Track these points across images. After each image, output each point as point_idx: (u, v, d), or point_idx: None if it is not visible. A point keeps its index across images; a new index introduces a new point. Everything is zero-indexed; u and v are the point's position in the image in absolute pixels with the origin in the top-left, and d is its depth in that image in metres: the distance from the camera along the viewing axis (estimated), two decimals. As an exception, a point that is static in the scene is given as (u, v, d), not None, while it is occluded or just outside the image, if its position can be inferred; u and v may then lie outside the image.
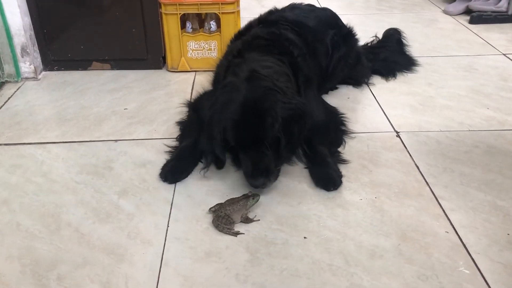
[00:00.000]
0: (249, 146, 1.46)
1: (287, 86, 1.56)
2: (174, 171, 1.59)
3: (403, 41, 2.49)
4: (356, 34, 2.20)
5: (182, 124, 1.84)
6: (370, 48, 2.41)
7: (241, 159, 1.51)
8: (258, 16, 2.08)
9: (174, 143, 1.76)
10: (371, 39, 2.49)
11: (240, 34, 1.94)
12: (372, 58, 2.30)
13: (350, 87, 2.20)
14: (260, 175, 1.44)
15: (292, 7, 2.13)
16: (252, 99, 1.45)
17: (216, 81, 1.83)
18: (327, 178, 1.53)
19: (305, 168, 1.62)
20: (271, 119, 1.42)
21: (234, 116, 1.44)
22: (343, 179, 1.54)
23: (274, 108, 1.44)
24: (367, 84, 2.22)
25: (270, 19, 1.98)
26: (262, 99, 1.46)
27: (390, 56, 2.37)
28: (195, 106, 1.85)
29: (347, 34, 2.14)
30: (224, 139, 1.48)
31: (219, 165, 1.59)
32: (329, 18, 2.15)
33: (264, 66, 1.59)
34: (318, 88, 1.92)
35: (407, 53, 2.48)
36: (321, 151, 1.62)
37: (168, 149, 1.72)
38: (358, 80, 2.22)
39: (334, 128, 1.81)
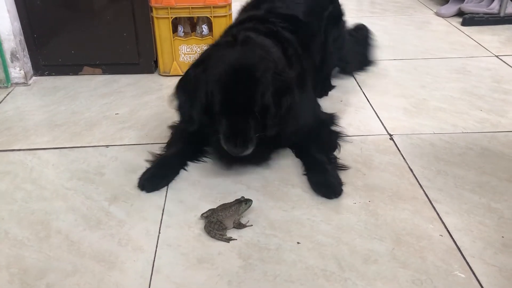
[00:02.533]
0: (235, 112, 1.42)
1: (280, 58, 1.53)
2: (152, 180, 1.54)
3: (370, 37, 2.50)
4: (344, 15, 2.17)
5: (173, 129, 1.79)
6: None
7: (221, 126, 1.45)
8: (245, 8, 2.00)
9: (157, 151, 1.71)
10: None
11: (232, 27, 1.85)
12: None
13: (342, 89, 2.19)
14: (239, 143, 1.40)
15: None
16: (245, 64, 1.42)
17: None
18: (328, 185, 1.50)
19: (304, 174, 1.59)
20: (262, 87, 1.39)
21: (224, 78, 1.39)
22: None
23: (267, 76, 1.41)
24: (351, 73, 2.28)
25: (259, 14, 1.87)
26: (255, 64, 1.42)
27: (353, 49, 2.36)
28: (182, 85, 1.75)
29: (338, 14, 2.11)
30: (208, 102, 1.43)
31: (191, 125, 1.52)
32: None
33: (261, 39, 1.56)
34: (313, 86, 1.89)
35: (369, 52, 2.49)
36: (319, 158, 1.60)
37: (150, 157, 1.67)
38: (347, 61, 2.22)
39: (328, 130, 1.79)
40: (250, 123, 1.42)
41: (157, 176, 1.56)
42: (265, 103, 1.41)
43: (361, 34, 2.48)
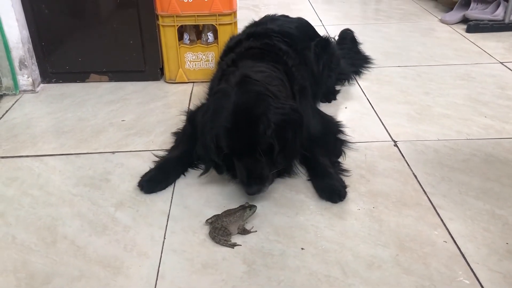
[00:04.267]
0: (243, 153, 1.45)
1: (280, 90, 1.54)
2: (151, 181, 1.59)
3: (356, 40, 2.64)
4: (332, 42, 2.24)
5: (177, 135, 1.84)
6: None
7: (236, 167, 1.49)
8: (243, 30, 2.09)
9: (163, 153, 1.75)
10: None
11: (230, 49, 1.90)
12: None
13: (346, 96, 2.21)
14: (254, 182, 1.43)
15: (271, 19, 2.13)
16: (243, 105, 1.43)
17: (210, 93, 1.82)
18: (332, 189, 1.52)
19: (308, 180, 1.60)
20: (263, 126, 1.40)
21: (225, 123, 1.42)
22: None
23: (266, 113, 1.42)
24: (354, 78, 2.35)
25: (258, 31, 1.96)
26: (253, 104, 1.44)
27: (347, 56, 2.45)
28: (191, 117, 1.84)
29: (325, 43, 2.14)
30: (218, 146, 1.46)
31: (219, 170, 1.56)
32: (307, 27, 2.19)
33: (257, 71, 1.58)
34: (313, 96, 1.93)
35: (362, 52, 2.62)
36: (322, 162, 1.61)
37: (156, 159, 1.72)
38: (345, 72, 2.30)
39: (333, 138, 1.80)
40: (262, 161, 1.44)
41: (156, 179, 1.60)
42: (268, 141, 1.42)
43: (347, 40, 2.61)
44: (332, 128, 1.85)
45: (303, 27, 2.15)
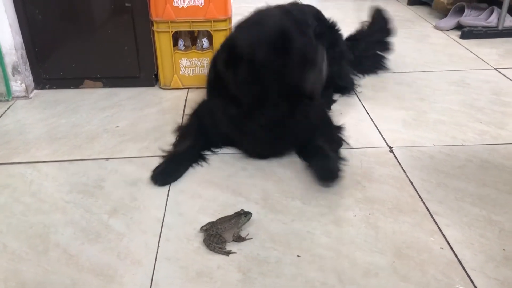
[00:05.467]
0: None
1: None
2: (164, 174, 1.63)
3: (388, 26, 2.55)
4: (340, 29, 2.23)
5: (182, 129, 1.89)
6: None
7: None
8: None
9: (169, 147, 1.81)
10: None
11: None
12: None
13: (342, 102, 2.20)
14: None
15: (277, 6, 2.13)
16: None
17: (210, 84, 1.82)
18: (327, 169, 1.57)
19: (308, 166, 1.65)
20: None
21: (271, 30, 1.48)
22: (336, 196, 1.53)
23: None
24: (354, 90, 2.30)
25: None
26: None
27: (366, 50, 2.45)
28: (196, 112, 1.89)
29: (331, 25, 2.17)
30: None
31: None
32: (315, 13, 2.20)
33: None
34: None
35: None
36: (322, 146, 1.65)
37: (163, 153, 1.76)
38: (346, 80, 2.27)
39: (335, 129, 1.86)
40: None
41: (168, 171, 1.65)
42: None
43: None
44: (332, 124, 1.91)
45: (310, 12, 2.15)
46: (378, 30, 2.55)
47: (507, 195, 1.53)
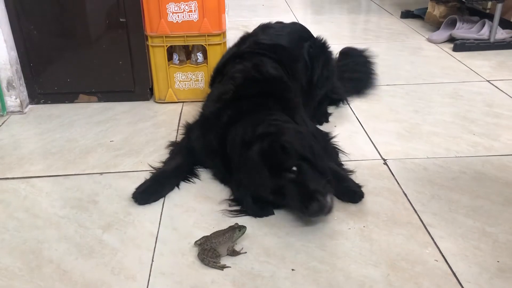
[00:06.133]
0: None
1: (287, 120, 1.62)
2: (145, 193, 1.60)
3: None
4: (330, 46, 2.25)
5: (173, 147, 1.89)
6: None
7: (287, 197, 1.47)
8: (233, 45, 2.11)
9: (159, 164, 1.79)
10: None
11: (219, 73, 1.96)
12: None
13: (336, 115, 2.21)
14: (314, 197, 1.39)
15: (263, 27, 2.17)
16: (267, 155, 1.47)
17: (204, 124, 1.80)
18: (351, 191, 1.58)
19: None
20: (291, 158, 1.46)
21: (263, 180, 1.47)
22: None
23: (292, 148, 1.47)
24: (346, 101, 2.33)
25: (244, 50, 1.97)
26: (275, 150, 1.47)
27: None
28: (189, 131, 1.88)
29: (322, 44, 2.20)
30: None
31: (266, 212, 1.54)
32: (301, 31, 2.23)
33: (256, 123, 1.59)
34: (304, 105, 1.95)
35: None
36: (332, 167, 1.64)
37: (151, 169, 1.76)
38: (339, 92, 2.28)
39: (327, 140, 1.88)
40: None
41: (150, 190, 1.62)
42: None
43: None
44: (321, 132, 1.94)
45: (297, 32, 2.19)
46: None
47: (501, 206, 1.53)
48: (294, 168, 1.44)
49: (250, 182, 1.51)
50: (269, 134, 1.51)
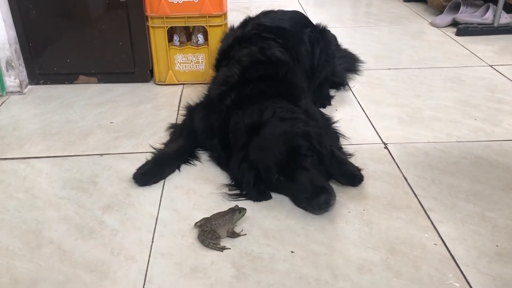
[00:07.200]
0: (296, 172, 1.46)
1: (293, 111, 1.61)
2: (146, 174, 1.60)
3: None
4: (330, 31, 2.26)
5: (174, 129, 1.88)
6: None
7: (295, 190, 1.48)
8: (236, 27, 2.11)
9: (159, 146, 1.79)
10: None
11: (224, 56, 1.95)
12: None
13: (338, 99, 2.20)
14: (321, 192, 1.41)
15: (265, 12, 2.17)
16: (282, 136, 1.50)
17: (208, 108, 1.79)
18: (351, 174, 1.57)
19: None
20: (306, 143, 1.49)
21: (276, 154, 1.47)
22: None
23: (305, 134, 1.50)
24: (347, 84, 2.33)
25: (249, 33, 1.97)
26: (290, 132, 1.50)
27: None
28: (190, 113, 1.87)
29: (322, 30, 2.20)
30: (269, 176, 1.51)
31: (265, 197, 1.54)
32: (302, 18, 2.25)
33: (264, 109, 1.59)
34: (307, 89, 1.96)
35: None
36: (332, 150, 1.63)
37: (152, 151, 1.75)
38: (340, 75, 2.30)
39: (329, 124, 1.89)
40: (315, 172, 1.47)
41: (151, 172, 1.62)
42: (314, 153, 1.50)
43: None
44: (324, 116, 1.95)
45: (298, 18, 2.20)
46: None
47: (501, 191, 1.53)
48: (309, 160, 1.47)
49: (261, 158, 1.50)
50: (294, 118, 1.55)
